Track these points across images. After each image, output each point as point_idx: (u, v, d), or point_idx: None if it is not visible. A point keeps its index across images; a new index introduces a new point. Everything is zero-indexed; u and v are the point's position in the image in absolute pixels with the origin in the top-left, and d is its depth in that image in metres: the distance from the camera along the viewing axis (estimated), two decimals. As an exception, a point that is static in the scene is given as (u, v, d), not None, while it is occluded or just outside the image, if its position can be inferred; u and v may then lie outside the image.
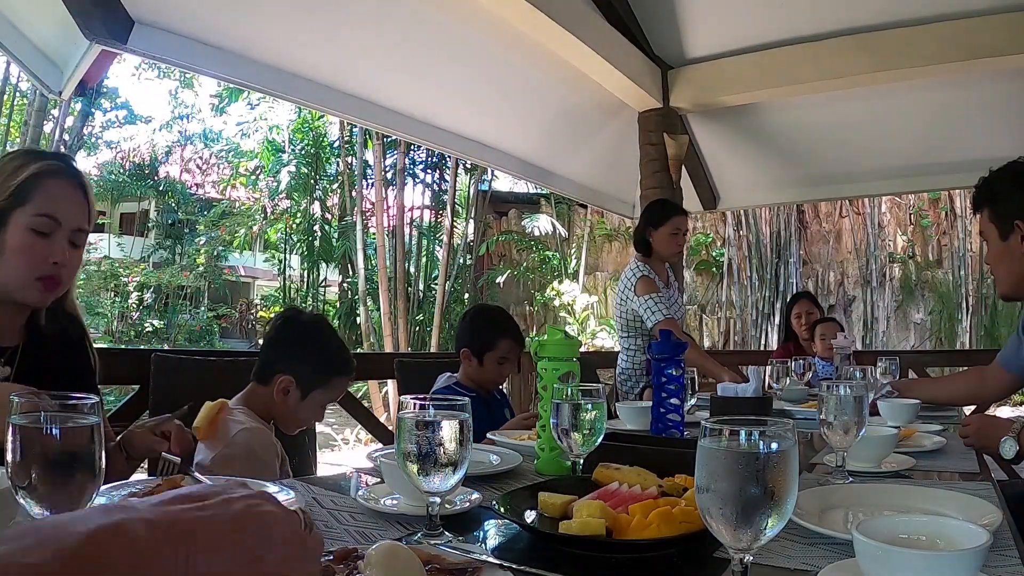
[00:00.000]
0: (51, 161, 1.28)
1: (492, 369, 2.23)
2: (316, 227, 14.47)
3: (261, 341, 1.76)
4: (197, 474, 1.11)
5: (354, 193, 13.09)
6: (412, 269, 13.13)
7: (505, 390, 2.54)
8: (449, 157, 11.76)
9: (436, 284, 12.60)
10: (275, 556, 0.46)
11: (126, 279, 14.78)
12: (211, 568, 0.41)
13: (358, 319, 13.27)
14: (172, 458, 1.23)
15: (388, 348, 11.32)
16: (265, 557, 0.45)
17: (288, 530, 0.47)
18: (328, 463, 6.84)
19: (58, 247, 1.26)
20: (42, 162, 1.27)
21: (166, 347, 13.70)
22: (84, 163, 16.24)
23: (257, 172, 15.82)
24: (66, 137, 13.92)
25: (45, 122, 12.11)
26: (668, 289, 3.25)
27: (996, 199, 1.80)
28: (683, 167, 4.72)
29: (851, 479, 1.21)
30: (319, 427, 2.73)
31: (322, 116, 13.10)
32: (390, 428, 3.22)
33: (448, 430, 0.83)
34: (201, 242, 16.28)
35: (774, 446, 0.60)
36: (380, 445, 3.16)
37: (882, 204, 12.50)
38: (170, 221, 16.76)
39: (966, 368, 2.43)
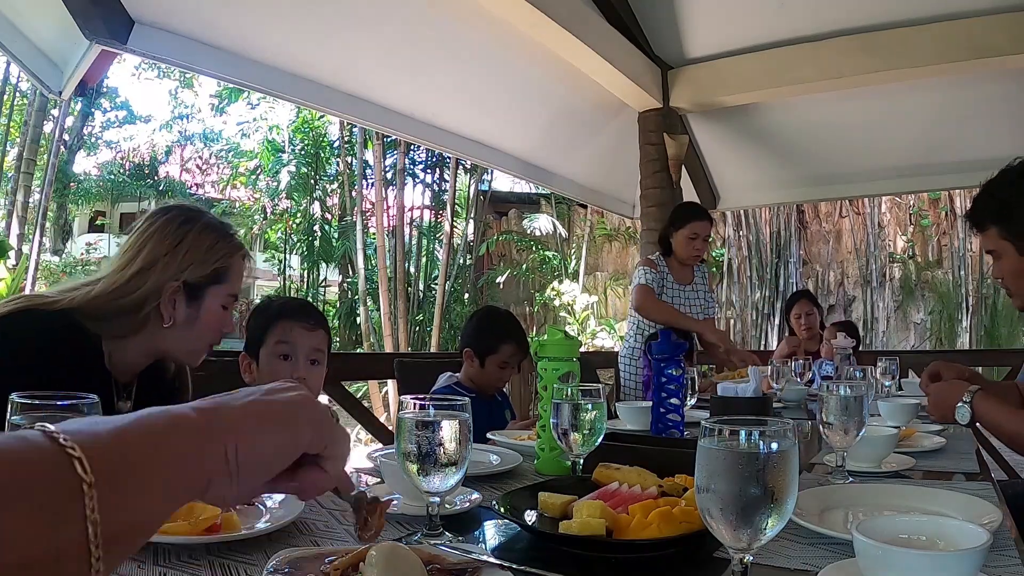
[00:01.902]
0: (241, 247, 1.43)
1: (493, 372, 2.23)
2: (316, 227, 14.46)
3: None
4: None
5: (354, 193, 13.08)
6: (412, 269, 13.12)
7: (505, 390, 2.53)
8: (449, 157, 11.76)
9: (436, 284, 12.60)
10: (307, 434, 0.51)
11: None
12: (254, 453, 0.46)
13: (358, 319, 13.27)
14: None
15: (388, 348, 11.32)
16: (298, 436, 0.51)
17: (314, 411, 0.53)
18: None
19: (231, 318, 1.41)
20: (234, 246, 1.41)
21: (166, 347, 13.66)
22: (84, 163, 16.25)
23: (257, 172, 15.80)
24: (66, 137, 13.92)
25: (45, 122, 12.08)
26: (683, 287, 3.28)
27: (1007, 214, 1.66)
28: (683, 167, 4.72)
29: (851, 479, 1.21)
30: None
31: (322, 116, 13.10)
32: (390, 428, 3.22)
33: (448, 430, 0.82)
34: (201, 242, 16.24)
35: (774, 446, 0.60)
36: (380, 445, 3.16)
37: (882, 204, 12.50)
38: (170, 221, 16.71)
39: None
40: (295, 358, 1.56)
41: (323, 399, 1.62)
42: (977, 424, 1.54)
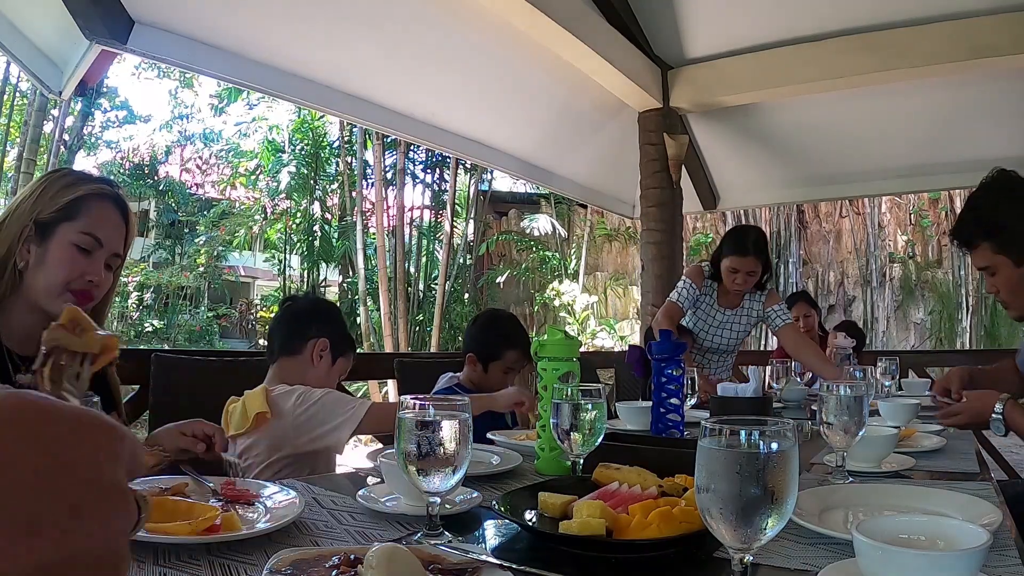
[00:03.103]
0: (103, 185, 1.34)
1: (496, 378, 2.22)
2: (316, 227, 14.47)
3: (273, 325, 1.83)
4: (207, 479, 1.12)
5: (354, 193, 13.08)
6: (412, 269, 13.13)
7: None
8: (449, 157, 11.76)
9: (436, 284, 12.60)
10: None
11: (126, 279, 14.78)
12: None
13: (358, 319, 13.26)
14: (231, 458, 1.30)
15: (388, 348, 11.33)
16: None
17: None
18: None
19: (96, 267, 1.29)
20: (94, 184, 1.32)
21: (166, 347, 13.70)
22: (84, 163, 16.24)
23: (257, 172, 15.80)
24: (66, 137, 13.91)
25: (45, 122, 12.09)
26: (724, 310, 3.10)
27: (997, 228, 1.64)
28: (683, 167, 4.72)
29: (851, 479, 1.21)
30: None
31: (322, 116, 13.09)
32: (390, 428, 3.21)
33: (448, 430, 0.82)
34: (201, 242, 16.26)
35: (774, 446, 0.60)
36: (380, 445, 3.15)
37: (882, 204, 12.50)
38: (170, 221, 16.75)
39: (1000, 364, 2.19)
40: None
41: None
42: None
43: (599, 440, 1.18)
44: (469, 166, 12.76)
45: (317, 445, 1.60)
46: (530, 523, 0.91)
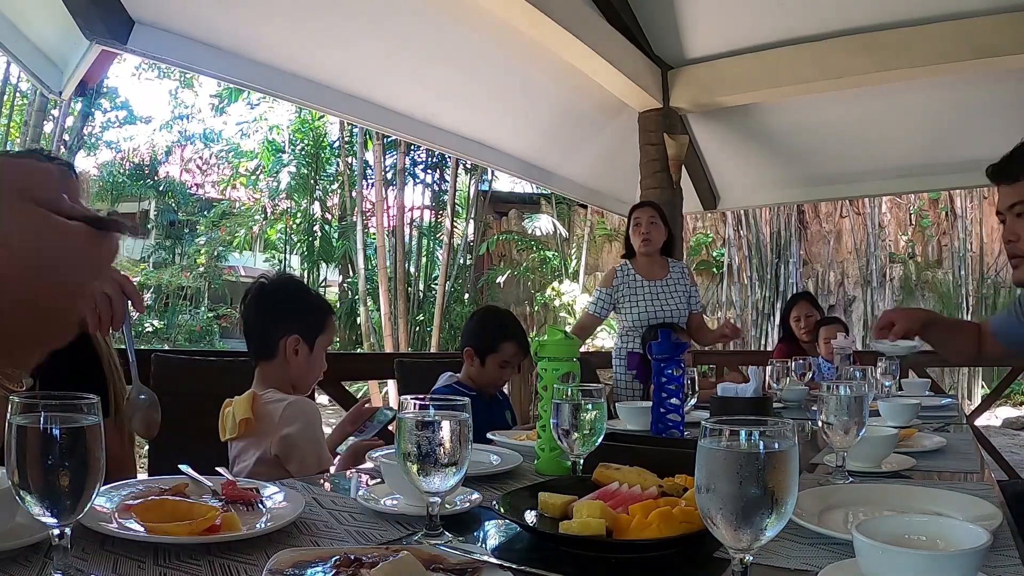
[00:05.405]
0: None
1: (493, 371, 2.25)
2: (316, 227, 14.48)
3: (246, 328, 1.77)
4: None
5: (354, 193, 13.09)
6: (412, 269, 13.13)
7: (505, 390, 2.54)
8: (449, 157, 11.77)
9: (436, 284, 12.61)
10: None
11: (126, 279, 14.74)
12: None
13: (358, 319, 13.26)
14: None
15: (388, 348, 11.33)
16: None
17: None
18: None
19: None
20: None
21: (166, 347, 13.69)
22: (84, 163, 16.26)
23: (257, 172, 15.81)
24: (66, 137, 13.92)
25: (45, 122, 12.11)
26: (654, 283, 3.34)
27: None
28: (683, 167, 4.72)
29: (851, 479, 1.21)
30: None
31: (322, 116, 13.10)
32: (390, 428, 3.21)
33: (448, 430, 0.82)
34: (201, 242, 16.27)
35: (774, 446, 0.60)
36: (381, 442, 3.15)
37: (882, 204, 12.51)
38: (170, 221, 16.76)
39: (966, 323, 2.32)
40: None
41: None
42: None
43: (599, 440, 1.18)
44: (469, 166, 12.77)
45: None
46: (530, 523, 0.91)
